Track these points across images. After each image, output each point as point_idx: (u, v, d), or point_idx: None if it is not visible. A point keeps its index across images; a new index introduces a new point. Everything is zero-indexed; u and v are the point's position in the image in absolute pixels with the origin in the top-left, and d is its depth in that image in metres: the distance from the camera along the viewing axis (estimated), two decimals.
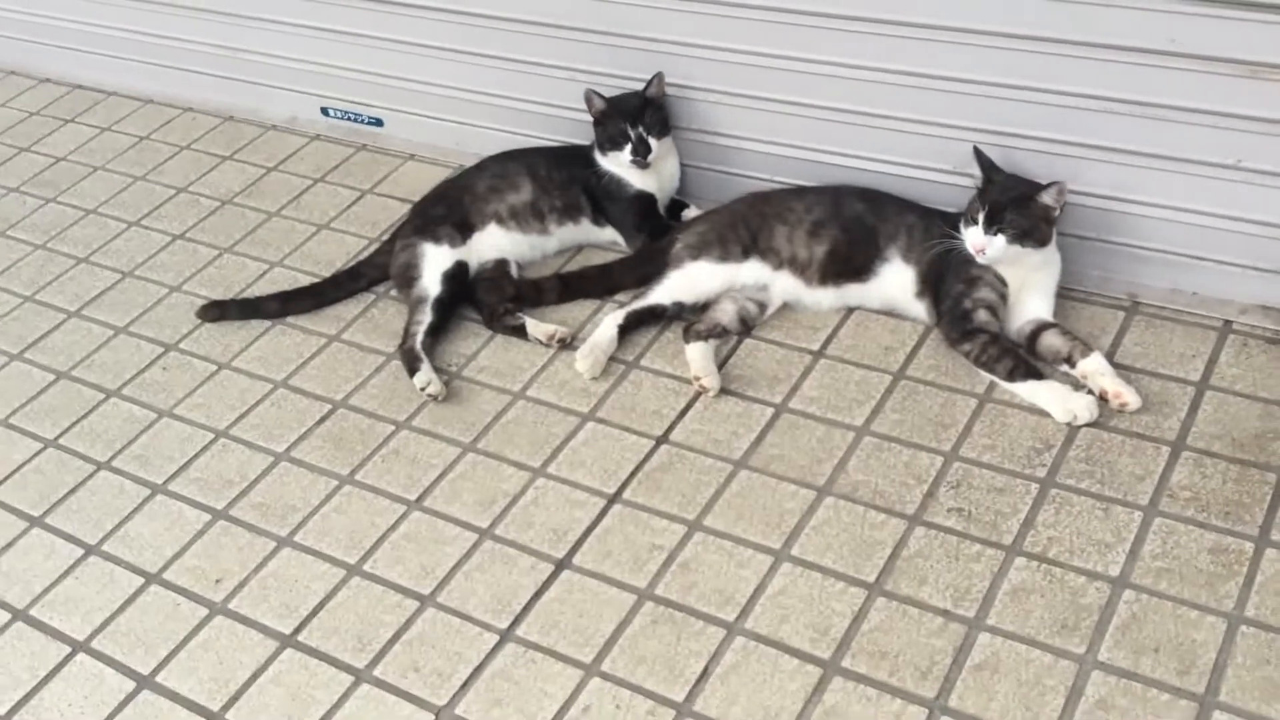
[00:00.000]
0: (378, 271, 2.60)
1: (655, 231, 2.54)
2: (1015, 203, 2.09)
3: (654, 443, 2.14)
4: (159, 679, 1.89)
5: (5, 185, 3.17)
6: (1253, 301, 2.17)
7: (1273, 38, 1.92)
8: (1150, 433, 2.00)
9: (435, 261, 2.47)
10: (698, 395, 2.22)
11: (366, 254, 2.67)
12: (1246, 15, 1.92)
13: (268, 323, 2.54)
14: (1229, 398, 2.04)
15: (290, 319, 2.54)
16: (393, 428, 2.26)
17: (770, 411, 2.17)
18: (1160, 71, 2.03)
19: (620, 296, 2.47)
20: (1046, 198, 2.08)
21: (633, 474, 2.09)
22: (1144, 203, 2.18)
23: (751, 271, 2.34)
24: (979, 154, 2.18)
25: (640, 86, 2.54)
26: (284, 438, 2.27)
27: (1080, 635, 1.73)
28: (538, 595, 1.92)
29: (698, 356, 2.25)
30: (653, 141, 2.49)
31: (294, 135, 3.17)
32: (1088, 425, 2.02)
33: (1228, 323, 2.17)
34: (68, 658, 1.94)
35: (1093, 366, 2.08)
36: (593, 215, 2.61)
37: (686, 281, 2.35)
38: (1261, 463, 1.92)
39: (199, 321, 2.57)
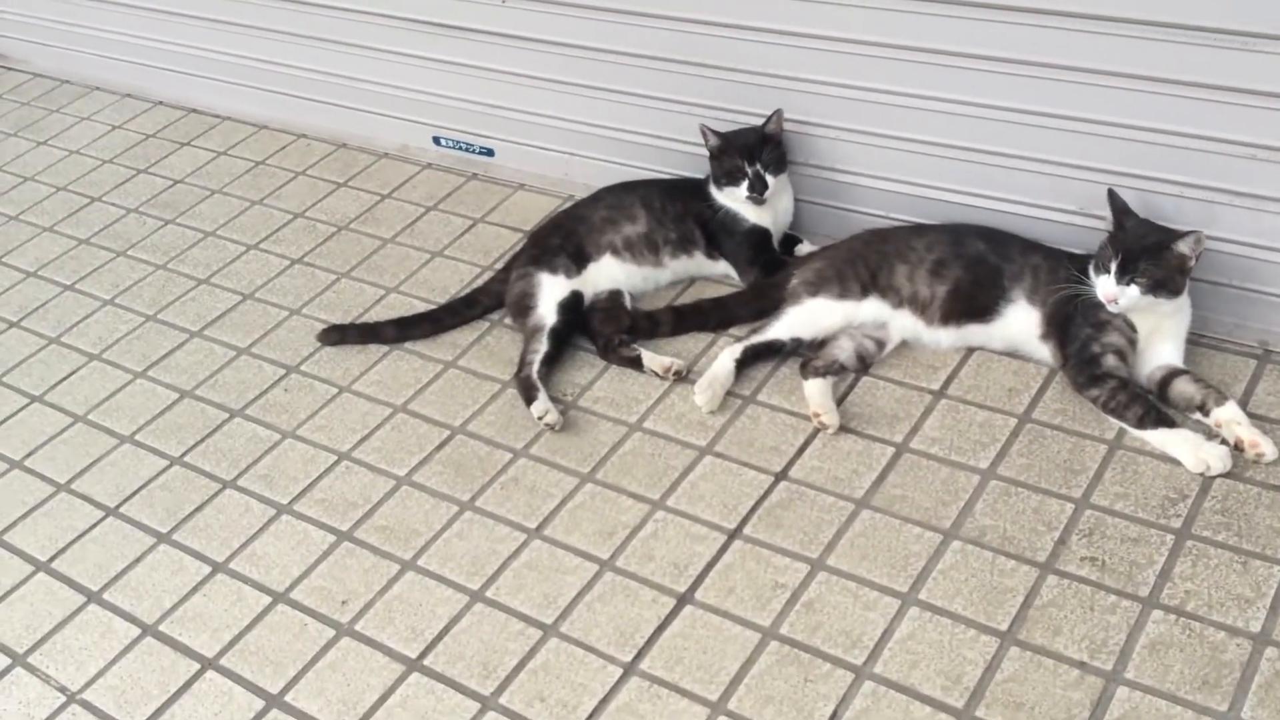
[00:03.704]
0: (492, 299, 2.63)
1: (769, 266, 2.54)
2: (1149, 251, 2.05)
3: (773, 479, 2.14)
4: (288, 699, 1.91)
5: (124, 206, 3.26)
6: None
7: None
8: None
9: (551, 291, 2.49)
10: (816, 432, 2.21)
11: (480, 282, 2.71)
12: None
13: (385, 347, 2.58)
14: None
15: (407, 344, 2.58)
16: (511, 455, 2.28)
17: (891, 451, 2.15)
18: None
19: (734, 330, 2.47)
20: (1183, 247, 2.05)
21: (753, 509, 2.09)
22: None
23: (870, 309, 2.33)
24: (1113, 197, 2.16)
25: (755, 121, 2.55)
26: (405, 462, 2.30)
27: (1222, 693, 1.69)
28: (660, 629, 1.92)
29: (816, 393, 2.24)
30: (769, 178, 2.49)
31: (406, 163, 3.22)
32: (1222, 476, 1.98)
33: None
34: (197, 674, 1.98)
35: (1228, 415, 2.03)
36: (706, 248, 2.62)
37: (805, 318, 2.35)
38: None
39: (319, 344, 2.62)
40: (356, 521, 2.19)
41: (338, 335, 2.61)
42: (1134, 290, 2.05)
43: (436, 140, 3.22)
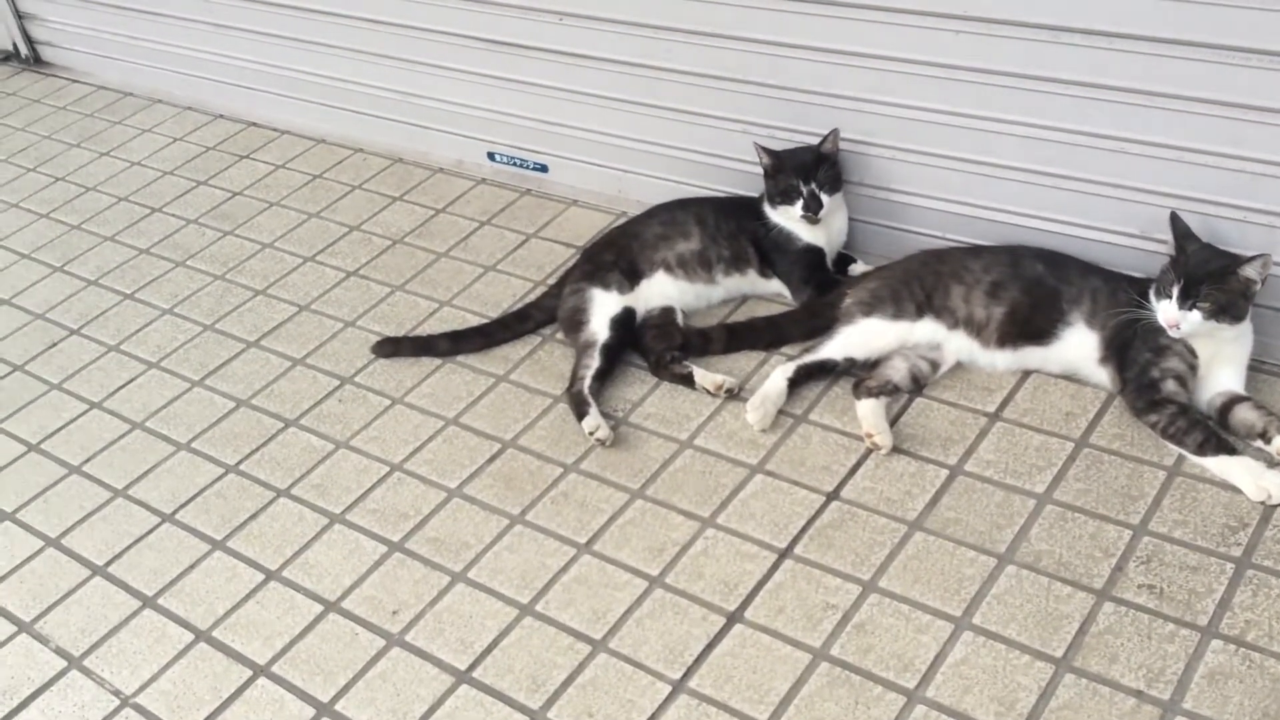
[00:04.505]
0: (545, 314, 2.64)
1: (822, 286, 2.54)
2: (1213, 276, 2.02)
3: (825, 498, 2.13)
4: (338, 707, 1.92)
5: (184, 217, 3.32)
6: None
7: None
8: None
9: (604, 307, 2.50)
10: (869, 452, 2.20)
11: (533, 296, 2.72)
12: None
13: (438, 360, 2.60)
14: None
15: (460, 358, 2.59)
16: (561, 470, 2.28)
17: (945, 473, 2.13)
18: None
19: (786, 349, 2.46)
20: (1249, 271, 2.02)
21: (804, 529, 2.08)
22: None
23: (925, 330, 2.32)
24: (1175, 220, 2.13)
25: (812, 140, 2.55)
26: (456, 474, 2.31)
27: None
28: (710, 647, 1.91)
29: (869, 413, 2.23)
30: (824, 197, 2.49)
31: (461, 178, 3.25)
32: None
33: None
34: (249, 681, 2.00)
35: None
36: (759, 267, 2.61)
37: (859, 338, 2.34)
38: None
39: (373, 356, 2.64)
40: (408, 533, 2.21)
41: (391, 347, 2.64)
42: (1196, 315, 2.02)
43: (491, 156, 3.24)
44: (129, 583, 2.22)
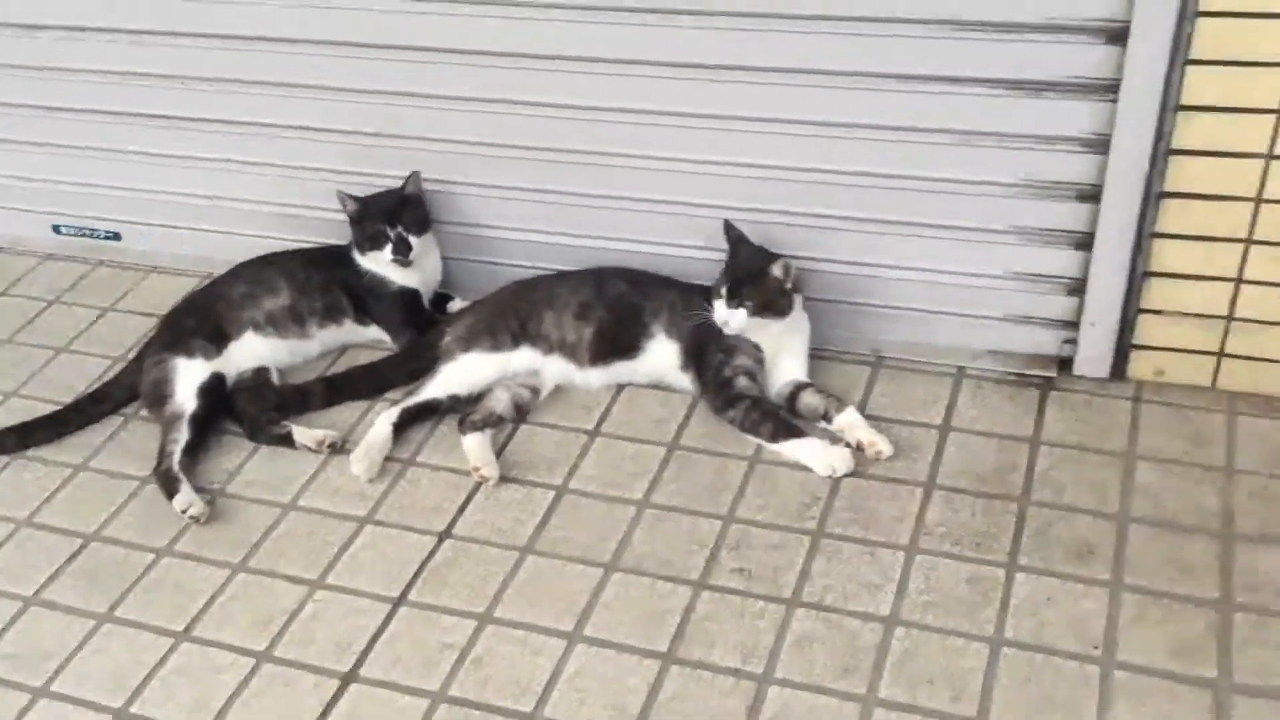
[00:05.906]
0: (125, 392, 2.47)
1: (422, 326, 2.53)
2: (752, 277, 2.20)
3: (437, 539, 2.11)
4: None
5: None
6: (982, 348, 2.36)
7: (985, 110, 2.12)
8: (904, 476, 2.13)
9: (188, 376, 2.37)
10: (478, 486, 2.20)
11: (111, 374, 2.53)
12: (954, 90, 2.12)
13: (5, 458, 2.36)
14: (969, 437, 2.20)
15: (30, 451, 2.37)
16: (152, 556, 2.13)
17: (552, 494, 2.18)
18: (889, 145, 2.21)
19: (391, 394, 2.43)
20: (776, 271, 2.21)
21: (417, 574, 2.05)
22: (881, 265, 2.34)
23: (523, 358, 2.36)
24: (729, 228, 2.30)
25: (395, 184, 2.54)
26: (32, 580, 2.10)
27: (861, 676, 1.80)
28: (324, 716, 1.83)
29: (475, 447, 2.24)
30: (413, 239, 2.49)
31: (23, 255, 2.99)
32: (848, 476, 2.13)
33: (961, 369, 2.35)
34: None
35: (847, 420, 2.20)
36: (356, 315, 2.57)
37: (460, 373, 2.35)
38: (1003, 494, 2.07)
39: None
40: None
41: None
42: (742, 314, 2.19)
43: (56, 229, 3.00)
44: None
